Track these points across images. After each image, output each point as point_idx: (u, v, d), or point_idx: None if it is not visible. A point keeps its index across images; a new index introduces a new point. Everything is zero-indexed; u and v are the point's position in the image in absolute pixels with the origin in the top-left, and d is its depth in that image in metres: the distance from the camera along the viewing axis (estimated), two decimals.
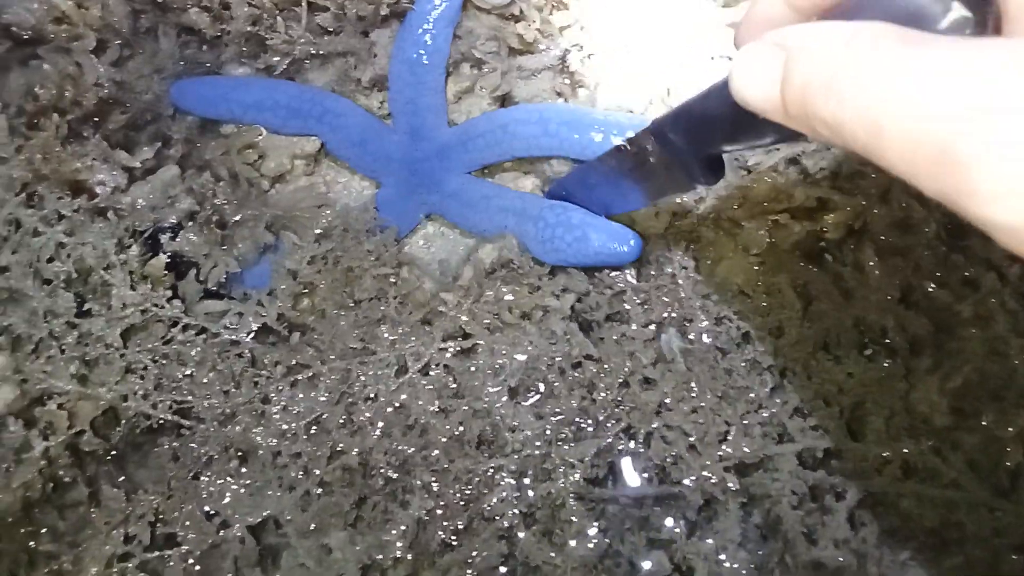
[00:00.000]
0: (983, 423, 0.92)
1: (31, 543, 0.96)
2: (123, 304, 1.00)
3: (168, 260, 1.05)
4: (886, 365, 0.96)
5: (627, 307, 1.03)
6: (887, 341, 0.97)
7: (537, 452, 0.95)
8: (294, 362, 1.02)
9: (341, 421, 0.98)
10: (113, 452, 1.01)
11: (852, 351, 0.97)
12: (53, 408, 0.96)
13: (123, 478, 1.01)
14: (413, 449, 0.97)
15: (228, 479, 0.97)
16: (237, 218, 1.14)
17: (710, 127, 0.71)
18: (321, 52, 1.24)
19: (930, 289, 0.98)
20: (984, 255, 0.97)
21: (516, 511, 0.93)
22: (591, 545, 0.92)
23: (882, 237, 1.00)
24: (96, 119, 1.19)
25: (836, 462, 0.93)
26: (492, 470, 0.95)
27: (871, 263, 1.00)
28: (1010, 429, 0.91)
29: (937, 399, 0.95)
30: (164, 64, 1.25)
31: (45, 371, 0.96)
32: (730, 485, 0.90)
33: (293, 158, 1.24)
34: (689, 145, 0.77)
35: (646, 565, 0.93)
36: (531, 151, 1.14)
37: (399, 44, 1.20)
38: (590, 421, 0.96)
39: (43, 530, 0.97)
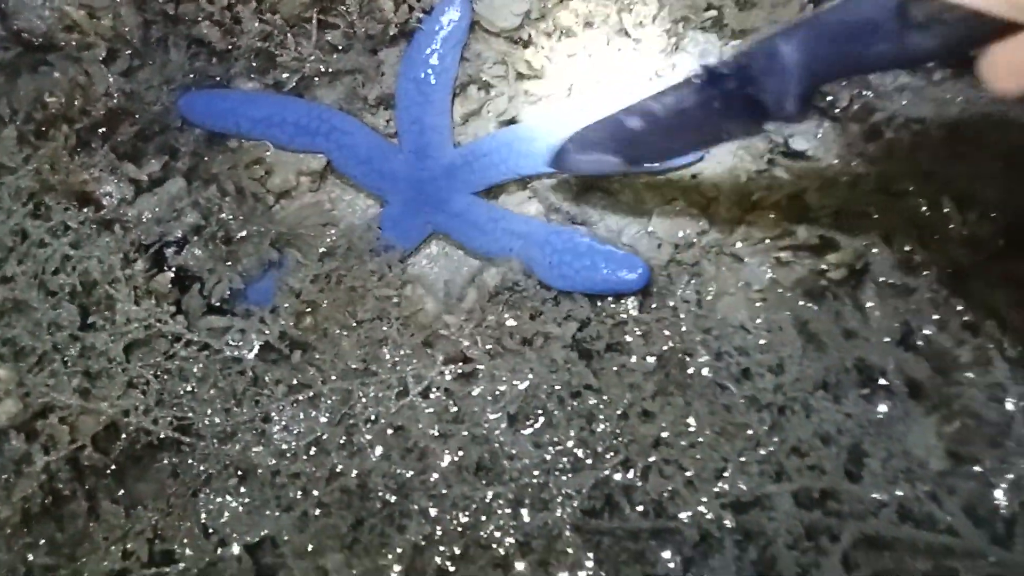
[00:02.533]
0: (979, 470, 0.93)
1: (29, 555, 0.97)
2: (127, 319, 1.01)
3: (172, 275, 1.05)
4: (884, 407, 0.96)
5: (628, 338, 1.04)
6: (885, 383, 0.98)
7: (535, 481, 0.95)
8: (295, 381, 1.03)
9: (341, 442, 0.99)
10: (113, 467, 1.01)
11: (851, 391, 0.98)
12: (54, 422, 0.96)
13: (122, 492, 1.01)
14: (412, 473, 0.97)
15: (227, 497, 0.98)
16: (242, 234, 1.15)
17: (856, 39, 0.63)
18: (330, 70, 1.25)
19: (929, 332, 0.99)
20: (984, 300, 0.98)
21: (513, 540, 0.94)
22: None
23: (883, 279, 1.01)
24: (104, 130, 1.19)
25: (832, 503, 0.94)
26: (490, 497, 0.95)
27: (871, 304, 1.01)
28: (1007, 476, 0.92)
29: (934, 443, 0.96)
30: (173, 76, 1.26)
31: (48, 384, 0.97)
32: (726, 522, 0.91)
33: (299, 174, 1.25)
34: (806, 63, 0.68)
35: None
36: (538, 169, 1.15)
37: (407, 63, 1.21)
38: (588, 452, 0.96)
39: (41, 542, 0.98)
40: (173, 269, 1.06)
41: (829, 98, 1.07)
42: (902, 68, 0.93)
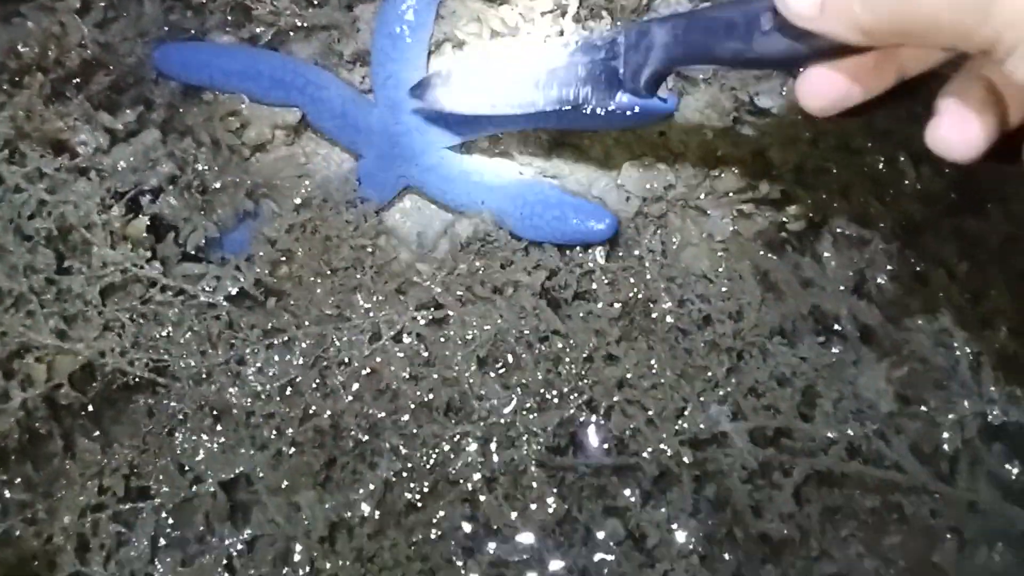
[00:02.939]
0: (925, 410, 0.98)
1: (5, 491, 0.98)
2: (103, 263, 1.02)
3: (148, 223, 1.07)
4: (837, 351, 1.01)
5: (595, 287, 1.07)
6: (839, 329, 1.02)
7: (502, 420, 0.99)
8: (270, 326, 1.05)
9: (315, 384, 1.01)
10: (88, 407, 1.03)
11: (806, 337, 1.02)
12: (31, 361, 0.98)
13: (98, 433, 1.03)
14: (383, 413, 1.00)
15: (202, 436, 1.00)
16: (218, 184, 1.16)
17: (713, 33, 0.70)
18: (305, 24, 1.26)
19: (882, 282, 1.03)
20: (935, 252, 1.03)
21: (480, 476, 0.97)
22: (550, 510, 0.96)
23: (840, 230, 1.05)
24: (78, 80, 1.19)
25: (786, 440, 0.98)
26: (459, 436, 0.99)
27: (828, 254, 1.05)
28: (951, 416, 0.97)
29: (884, 386, 1.01)
30: (148, 28, 1.26)
31: (25, 325, 0.98)
32: (684, 459, 0.95)
33: (274, 128, 1.26)
34: (667, 46, 0.76)
35: (601, 531, 0.97)
36: (510, 125, 1.17)
37: (382, 18, 1.22)
38: (554, 393, 1.00)
39: (16, 480, 1.00)
40: (148, 217, 1.07)
41: None
42: (749, 68, 1.01)
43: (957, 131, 0.60)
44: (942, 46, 0.55)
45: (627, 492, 0.99)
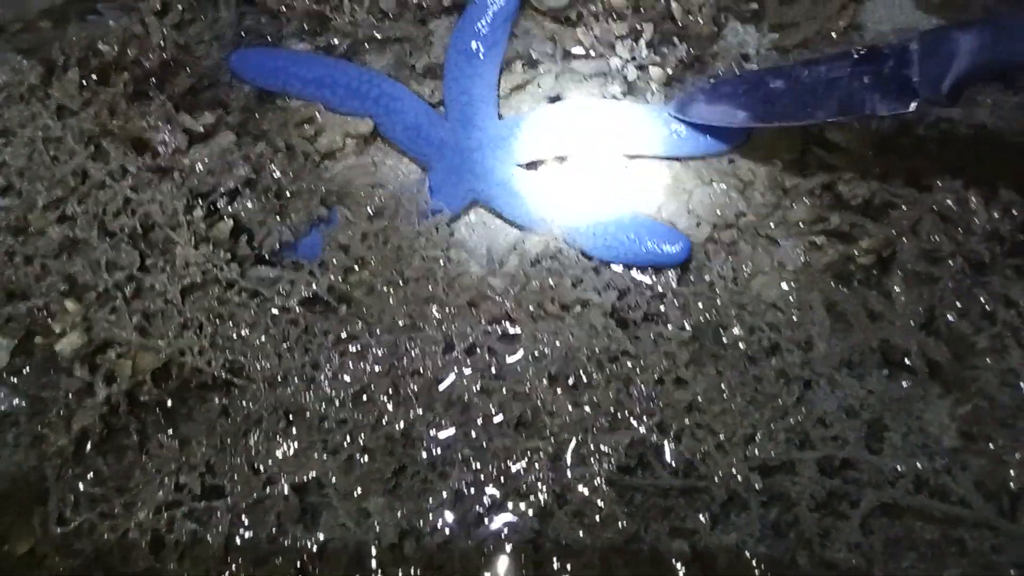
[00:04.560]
0: (991, 447, 0.99)
1: (79, 485, 1.00)
2: (186, 263, 1.04)
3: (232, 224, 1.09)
4: (905, 386, 1.02)
5: (664, 309, 1.09)
6: (907, 363, 1.04)
7: (573, 437, 1.00)
8: (344, 333, 1.06)
9: (388, 392, 1.03)
10: (168, 403, 1.04)
11: (874, 370, 1.04)
12: (113, 357, 0.99)
13: (171, 430, 1.04)
14: (454, 425, 1.02)
15: (276, 438, 1.01)
16: (293, 189, 1.18)
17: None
18: (380, 36, 1.28)
19: (951, 319, 1.04)
20: (1004, 291, 1.04)
21: (550, 491, 0.98)
22: (618, 529, 0.97)
23: (909, 266, 1.06)
24: (155, 80, 1.21)
25: (852, 472, 0.99)
26: (529, 451, 1.00)
27: (897, 290, 1.06)
28: (1017, 455, 0.98)
29: (948, 422, 1.02)
30: (223, 32, 1.28)
31: (109, 320, 0.99)
32: (755, 485, 0.96)
33: (346, 136, 1.27)
34: (974, 53, 0.74)
35: (668, 552, 0.98)
36: (582, 146, 1.19)
37: (458, 35, 1.24)
38: (625, 413, 1.01)
39: (90, 474, 1.01)
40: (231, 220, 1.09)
41: None
42: None
43: None
44: None
45: (695, 514, 1.00)
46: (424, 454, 1.01)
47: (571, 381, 1.04)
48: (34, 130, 1.07)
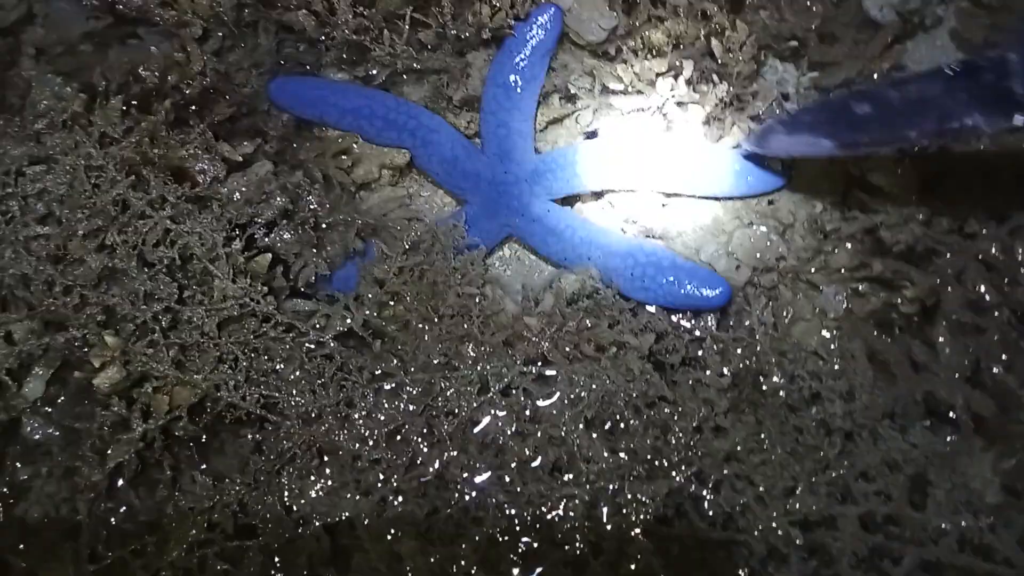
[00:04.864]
0: None
1: (111, 520, 0.99)
2: (224, 296, 1.03)
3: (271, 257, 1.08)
4: (949, 440, 1.00)
5: (702, 354, 1.07)
6: (951, 416, 1.02)
7: (610, 485, 0.99)
8: (379, 371, 1.05)
9: (422, 432, 1.02)
10: (199, 439, 1.03)
11: (916, 422, 1.02)
12: (149, 391, 0.99)
13: (204, 465, 1.03)
14: (489, 467, 1.01)
15: (309, 477, 1.00)
16: (329, 221, 1.17)
17: None
18: (418, 67, 1.27)
19: (996, 371, 1.02)
20: None
21: (586, 539, 0.97)
22: None
23: (954, 316, 1.05)
24: (195, 108, 1.21)
25: (895, 528, 0.98)
26: (565, 498, 0.99)
27: (941, 339, 1.04)
28: None
29: (991, 476, 1.00)
30: (262, 60, 1.28)
31: (146, 354, 0.99)
32: (796, 540, 0.95)
33: (382, 167, 1.27)
34: None
35: None
36: (619, 184, 1.18)
37: (496, 68, 1.24)
38: (663, 461, 1.00)
39: (123, 508, 1.00)
40: (268, 252, 1.09)
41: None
42: None
43: None
44: None
45: (734, 568, 0.98)
46: (457, 497, 1.00)
47: (607, 426, 1.02)
48: (76, 158, 1.07)
